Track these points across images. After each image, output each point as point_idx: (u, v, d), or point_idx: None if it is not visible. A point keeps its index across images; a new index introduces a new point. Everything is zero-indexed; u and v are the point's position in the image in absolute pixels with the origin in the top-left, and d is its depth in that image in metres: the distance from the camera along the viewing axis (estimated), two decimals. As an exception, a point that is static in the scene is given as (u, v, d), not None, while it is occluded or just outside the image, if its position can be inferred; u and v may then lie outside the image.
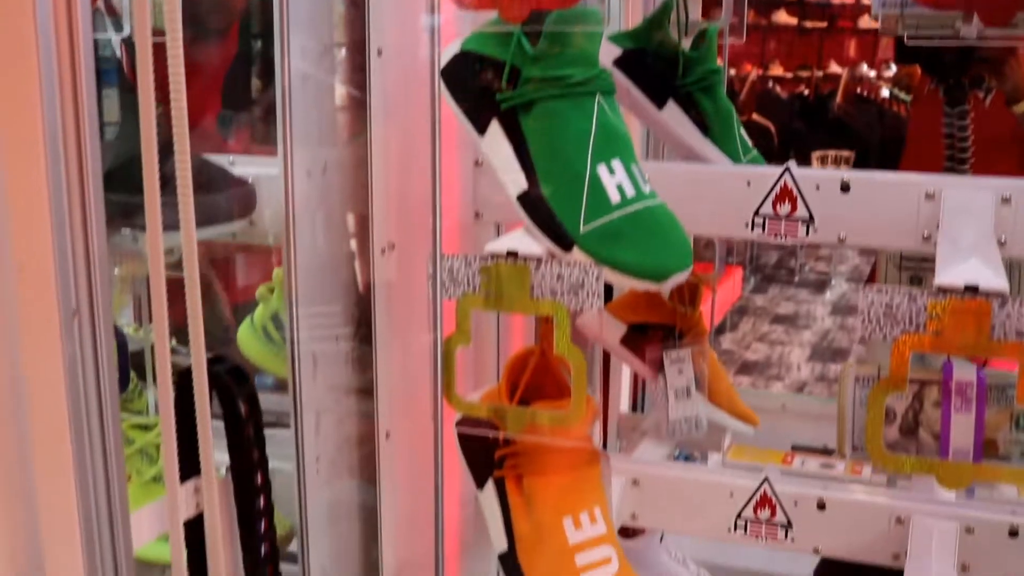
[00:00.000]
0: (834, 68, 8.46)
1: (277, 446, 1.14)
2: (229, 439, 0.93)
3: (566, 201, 1.00)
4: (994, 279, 0.92)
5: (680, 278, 0.99)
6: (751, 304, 6.88)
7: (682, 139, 1.44)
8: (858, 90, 6.78)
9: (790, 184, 1.25)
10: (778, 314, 6.73)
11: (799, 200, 1.24)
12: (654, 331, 1.53)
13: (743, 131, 1.46)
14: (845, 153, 5.47)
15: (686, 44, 1.43)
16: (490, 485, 1.13)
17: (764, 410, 1.66)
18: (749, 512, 1.36)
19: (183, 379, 0.87)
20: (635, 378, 2.00)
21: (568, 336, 1.00)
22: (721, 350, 5.76)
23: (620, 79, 1.43)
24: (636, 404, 2.02)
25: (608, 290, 1.71)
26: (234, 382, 0.91)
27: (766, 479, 1.35)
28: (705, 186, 1.29)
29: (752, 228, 1.26)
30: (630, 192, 1.01)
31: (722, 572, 1.81)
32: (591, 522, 1.10)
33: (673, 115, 1.44)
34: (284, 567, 1.17)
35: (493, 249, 1.01)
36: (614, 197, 1.00)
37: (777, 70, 8.70)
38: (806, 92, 7.60)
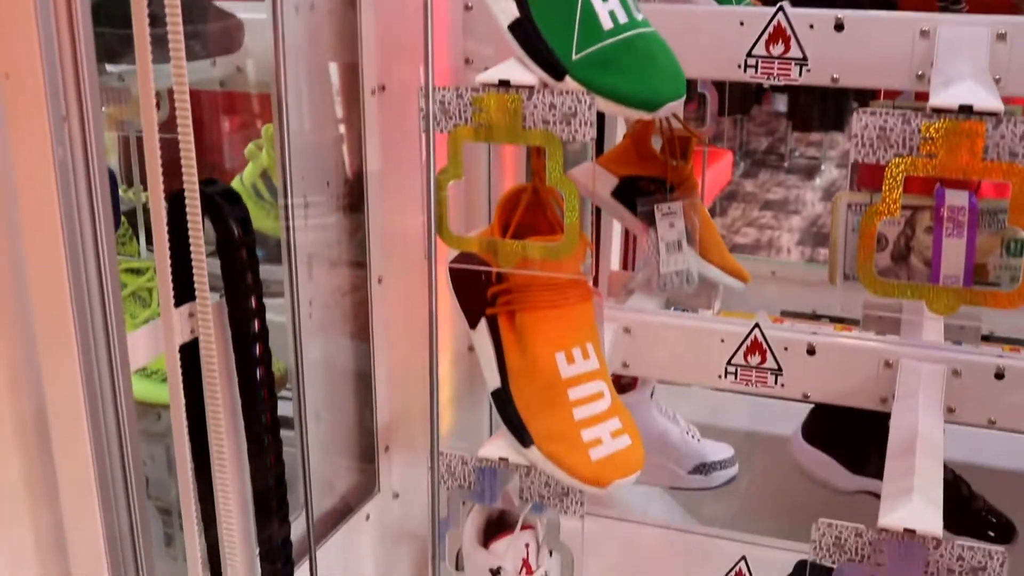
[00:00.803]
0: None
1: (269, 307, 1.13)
2: (223, 262, 0.92)
3: (558, 28, 0.99)
4: (989, 99, 0.91)
5: (673, 107, 0.98)
6: (741, 189, 6.86)
7: (674, -12, 1.42)
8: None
9: (783, 24, 1.23)
10: (768, 199, 6.72)
11: (792, 40, 1.23)
12: (645, 184, 1.53)
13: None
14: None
15: None
16: (483, 323, 1.13)
17: (754, 276, 1.66)
18: (739, 358, 1.37)
19: (176, 201, 0.87)
20: (626, 237, 2.00)
21: (561, 167, 0.99)
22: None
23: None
24: (627, 265, 2.02)
25: (600, 145, 1.70)
26: (227, 204, 0.90)
27: (757, 325, 1.36)
28: (697, 27, 1.28)
29: (745, 69, 1.25)
30: (623, 19, 0.99)
31: (710, 431, 1.83)
32: (584, 357, 1.10)
33: (666, -37, 1.41)
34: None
35: (484, 79, 1.00)
36: (606, 24, 0.99)
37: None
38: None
